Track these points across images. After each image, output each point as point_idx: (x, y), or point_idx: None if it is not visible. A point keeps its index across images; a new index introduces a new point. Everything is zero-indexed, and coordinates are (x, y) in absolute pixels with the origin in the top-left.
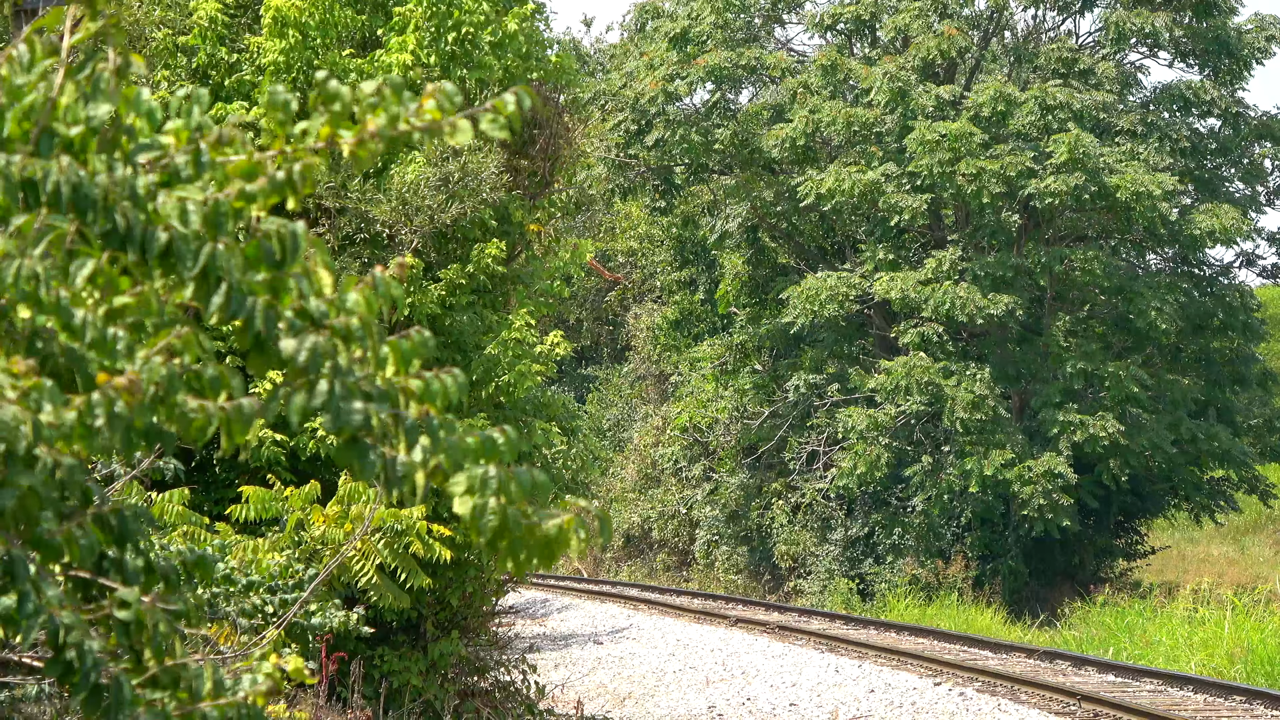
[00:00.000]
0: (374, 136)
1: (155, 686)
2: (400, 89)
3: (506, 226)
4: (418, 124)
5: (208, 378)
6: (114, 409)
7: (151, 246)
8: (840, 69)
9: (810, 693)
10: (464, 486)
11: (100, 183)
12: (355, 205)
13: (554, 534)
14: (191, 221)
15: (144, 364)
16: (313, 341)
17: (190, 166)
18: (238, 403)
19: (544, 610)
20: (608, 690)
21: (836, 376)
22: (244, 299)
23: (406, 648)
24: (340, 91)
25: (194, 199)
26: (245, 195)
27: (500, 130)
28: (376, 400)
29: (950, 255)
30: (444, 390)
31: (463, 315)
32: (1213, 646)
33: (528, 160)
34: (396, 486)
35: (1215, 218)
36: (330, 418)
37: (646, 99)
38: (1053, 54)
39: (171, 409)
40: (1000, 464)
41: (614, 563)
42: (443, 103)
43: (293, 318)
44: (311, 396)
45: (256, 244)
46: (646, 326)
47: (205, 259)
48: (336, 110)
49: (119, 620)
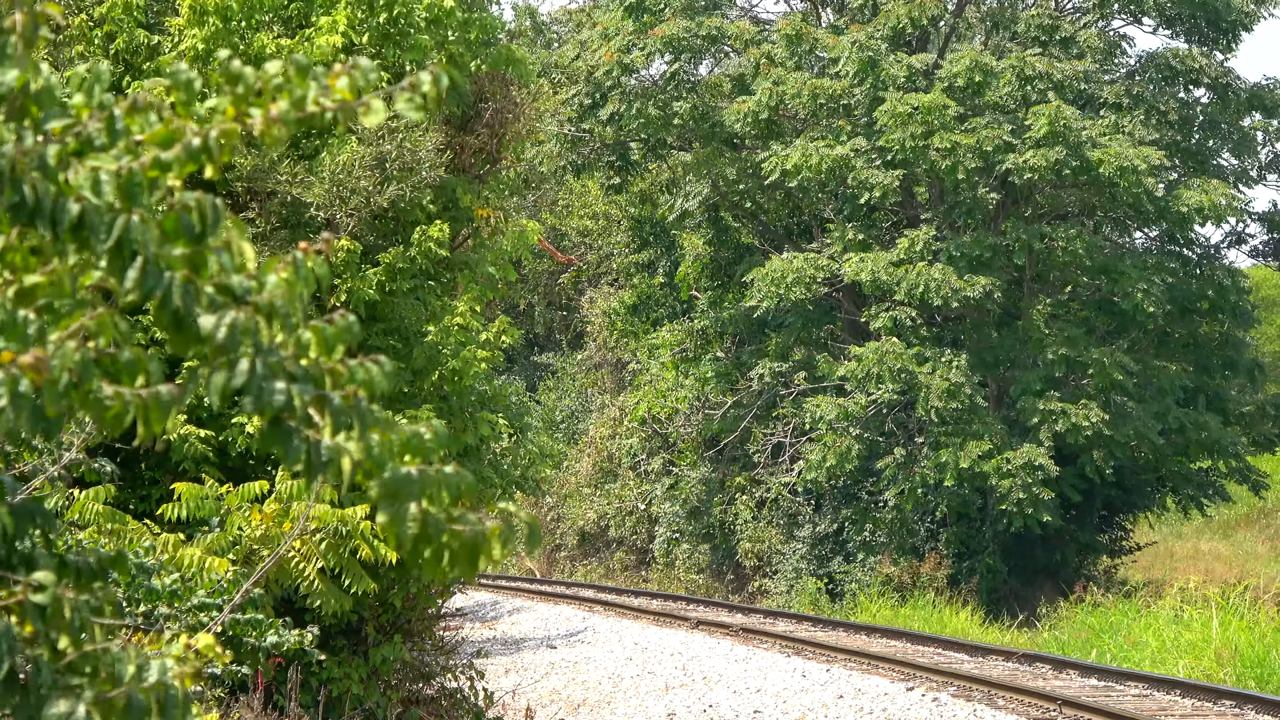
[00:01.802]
0: (276, 120)
1: (74, 672)
2: (306, 69)
3: (453, 211)
4: (329, 104)
5: (124, 361)
6: (18, 388)
7: (62, 219)
8: (806, 38)
9: (775, 699)
10: (383, 491)
11: (6, 152)
12: (285, 189)
13: (477, 542)
14: (105, 192)
15: (57, 348)
16: (232, 317)
17: (104, 135)
18: (155, 389)
19: (494, 613)
20: (561, 697)
21: (804, 364)
22: (160, 274)
23: (346, 653)
24: (244, 72)
25: (107, 168)
26: (161, 164)
27: (417, 111)
28: (300, 381)
29: (924, 235)
30: (369, 379)
31: (404, 301)
32: (1201, 648)
33: (473, 136)
34: (321, 472)
35: (1204, 194)
36: (252, 398)
37: (601, 71)
38: (1032, 21)
39: (86, 396)
40: (977, 456)
41: (569, 562)
42: (358, 80)
43: (213, 294)
44: (232, 376)
45: (175, 216)
46: (602, 311)
47: (119, 231)
48: (240, 92)
49: (34, 604)
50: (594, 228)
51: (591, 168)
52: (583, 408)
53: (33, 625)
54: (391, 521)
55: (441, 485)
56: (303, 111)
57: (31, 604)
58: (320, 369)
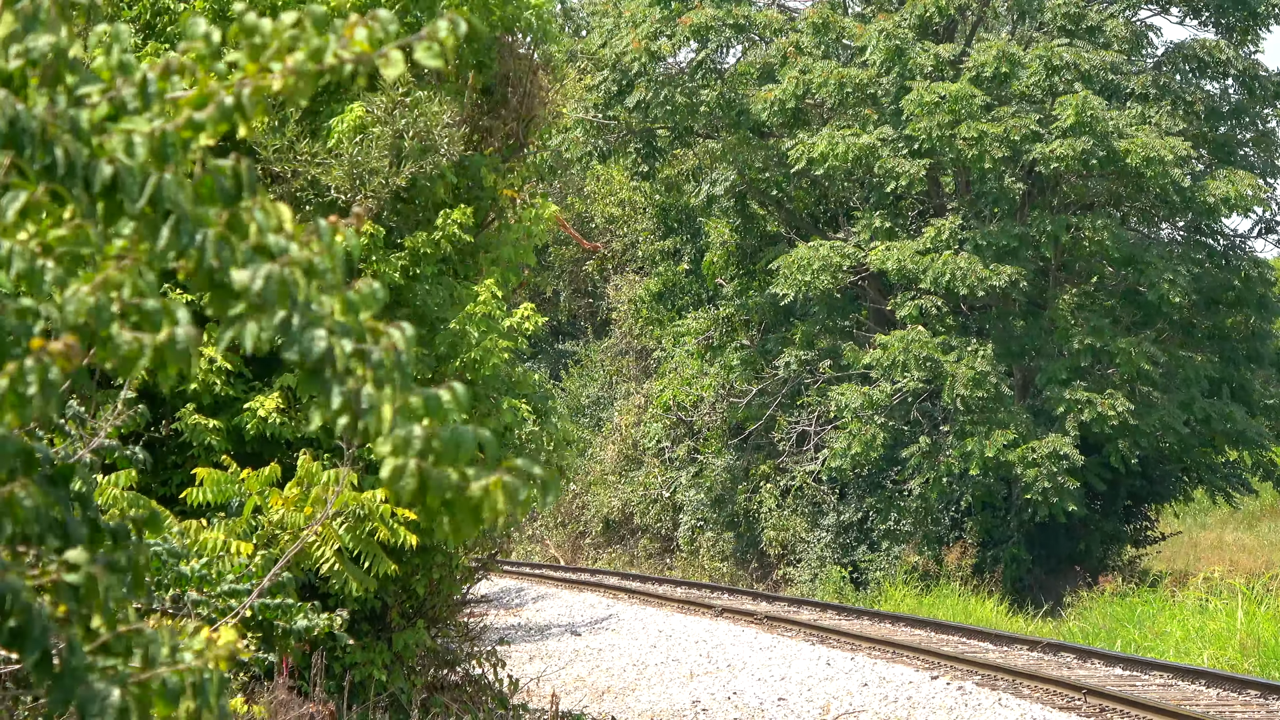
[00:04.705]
0: (293, 73)
1: (108, 653)
2: (324, 21)
3: (477, 191)
4: (347, 56)
5: (148, 310)
6: (48, 376)
7: (95, 181)
8: (833, 27)
9: (800, 686)
10: (389, 447)
11: (39, 115)
12: (305, 168)
13: (479, 496)
14: (138, 154)
15: (71, 295)
16: (269, 269)
17: (137, 99)
18: (171, 331)
19: (518, 600)
20: (586, 684)
21: (829, 352)
22: (194, 232)
23: (370, 638)
24: (260, 24)
25: (140, 131)
26: (193, 124)
27: (436, 59)
28: (340, 334)
29: (950, 224)
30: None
31: (427, 286)
32: (1225, 638)
33: (500, 121)
34: (363, 419)
35: (1230, 184)
36: (290, 345)
37: (628, 58)
38: (1059, 10)
39: (104, 343)
40: (1002, 445)
41: (593, 549)
42: (376, 32)
43: (249, 252)
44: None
45: (209, 178)
46: (627, 299)
47: (152, 189)
48: (256, 44)
49: (67, 584)
50: (620, 215)
51: (617, 155)
52: (607, 395)
53: (66, 605)
54: (392, 477)
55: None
56: (321, 64)
57: (65, 584)
58: (361, 325)
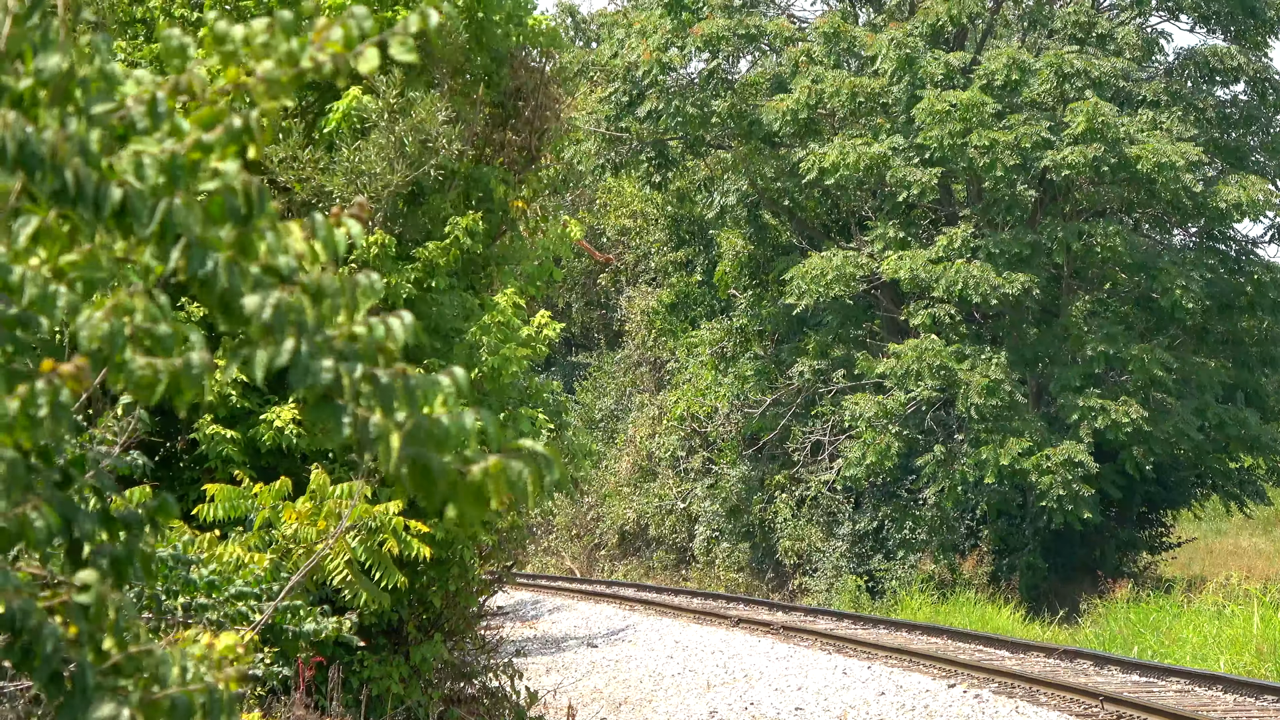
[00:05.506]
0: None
1: (119, 674)
2: (293, 27)
3: (487, 203)
4: (323, 58)
5: (160, 335)
6: (59, 398)
7: (105, 204)
8: (844, 36)
9: (817, 696)
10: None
11: (48, 139)
12: (310, 174)
13: (480, 478)
14: (148, 176)
15: (85, 321)
16: (277, 297)
17: (146, 118)
18: (186, 356)
19: (535, 612)
20: (603, 695)
21: (843, 361)
22: (204, 255)
23: (387, 652)
24: (231, 32)
25: (150, 152)
26: (202, 146)
27: (409, 53)
28: (349, 359)
29: (962, 232)
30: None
31: (442, 298)
32: (1242, 643)
33: (512, 133)
34: (369, 450)
35: (1242, 189)
36: (298, 374)
37: (640, 69)
38: (1069, 17)
39: (118, 368)
40: (1017, 453)
41: (609, 561)
42: (352, 30)
43: (259, 274)
44: (278, 354)
45: (220, 199)
46: (641, 310)
47: (162, 214)
48: (229, 51)
49: (78, 605)
50: (632, 226)
51: (629, 166)
52: (622, 407)
53: (77, 627)
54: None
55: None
56: (296, 68)
57: (76, 605)
58: (370, 344)
